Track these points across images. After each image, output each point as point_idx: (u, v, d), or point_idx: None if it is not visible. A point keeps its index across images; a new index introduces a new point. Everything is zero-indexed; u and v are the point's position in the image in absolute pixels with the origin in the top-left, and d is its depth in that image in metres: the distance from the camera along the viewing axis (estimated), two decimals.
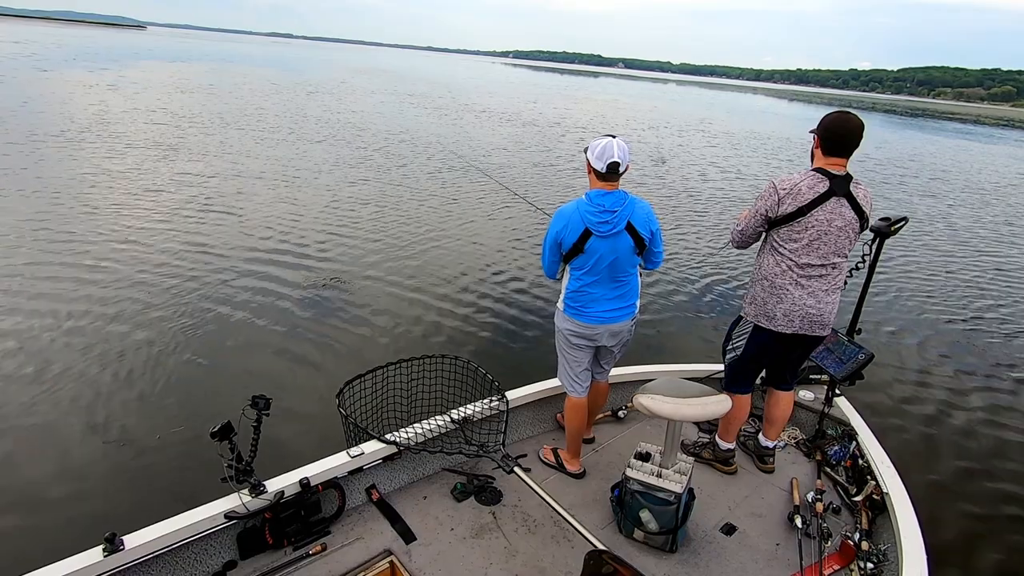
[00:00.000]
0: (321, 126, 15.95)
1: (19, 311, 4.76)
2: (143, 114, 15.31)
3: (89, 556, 1.82)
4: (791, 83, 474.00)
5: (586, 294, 2.46)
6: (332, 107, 20.96)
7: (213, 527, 2.05)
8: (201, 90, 22.81)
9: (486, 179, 10.26)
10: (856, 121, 2.34)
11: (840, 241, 2.39)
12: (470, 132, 17.46)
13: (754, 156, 18.41)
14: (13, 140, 10.69)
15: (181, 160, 10.53)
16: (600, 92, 54.17)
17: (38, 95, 16.97)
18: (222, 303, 5.16)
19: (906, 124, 48.53)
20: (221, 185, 9.01)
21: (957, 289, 7.47)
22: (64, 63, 29.65)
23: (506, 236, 7.84)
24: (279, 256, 6.36)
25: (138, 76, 26.32)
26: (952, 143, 32.56)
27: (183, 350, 4.40)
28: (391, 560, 2.24)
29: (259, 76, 33.69)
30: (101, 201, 7.79)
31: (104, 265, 5.75)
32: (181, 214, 7.48)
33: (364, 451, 2.43)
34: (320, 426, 3.56)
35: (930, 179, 16.88)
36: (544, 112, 26.35)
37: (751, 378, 2.79)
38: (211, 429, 2.02)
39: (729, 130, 26.25)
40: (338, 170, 10.74)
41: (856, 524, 2.49)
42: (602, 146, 2.30)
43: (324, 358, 4.50)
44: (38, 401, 3.73)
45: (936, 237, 10.05)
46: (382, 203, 8.83)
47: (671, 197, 11.02)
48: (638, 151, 16.01)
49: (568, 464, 2.81)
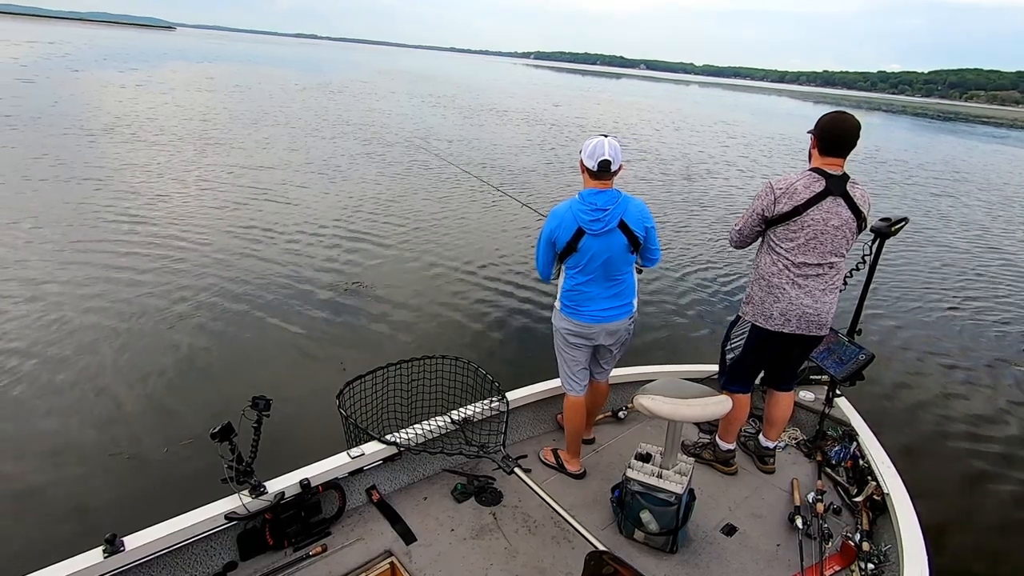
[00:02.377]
0: (340, 126, 15.97)
1: (25, 302, 4.78)
2: (169, 111, 15.57)
3: (89, 557, 1.82)
4: (817, 85, 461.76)
5: (581, 293, 2.48)
6: (354, 106, 21.18)
7: (213, 528, 2.05)
8: (227, 90, 23.22)
9: (500, 183, 10.34)
10: (853, 121, 2.35)
11: (837, 240, 2.40)
12: (487, 135, 17.21)
13: (782, 159, 18.25)
14: (47, 135, 10.92)
15: (201, 155, 10.71)
16: (622, 94, 53.86)
17: (68, 95, 17.36)
18: (222, 302, 5.17)
19: (939, 128, 47.68)
20: (237, 179, 9.16)
21: (958, 289, 7.47)
22: (95, 63, 30.42)
23: (508, 237, 7.85)
24: (281, 255, 6.36)
25: (165, 76, 26.91)
26: (987, 147, 32.09)
27: (183, 350, 4.40)
28: (391, 561, 2.24)
29: (284, 77, 34.07)
30: (124, 195, 7.98)
31: (113, 260, 5.80)
32: (190, 207, 7.55)
33: (364, 452, 2.43)
34: (320, 427, 3.56)
35: (977, 190, 16.20)
36: (566, 115, 26.05)
37: (750, 378, 2.79)
38: (211, 430, 2.02)
39: (755, 133, 25.99)
40: (348, 170, 10.77)
41: (857, 525, 2.49)
42: (593, 145, 2.32)
43: (324, 357, 4.50)
44: (39, 398, 3.74)
45: (958, 236, 10.05)
46: (390, 203, 8.84)
47: (696, 205, 10.91)
48: (663, 155, 15.93)
49: (568, 464, 2.81)
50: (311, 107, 19.85)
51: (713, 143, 20.80)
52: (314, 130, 15.00)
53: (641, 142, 18.45)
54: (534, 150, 15.02)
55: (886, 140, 29.70)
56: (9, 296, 4.97)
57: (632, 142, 17.95)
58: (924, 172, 18.33)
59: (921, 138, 34.73)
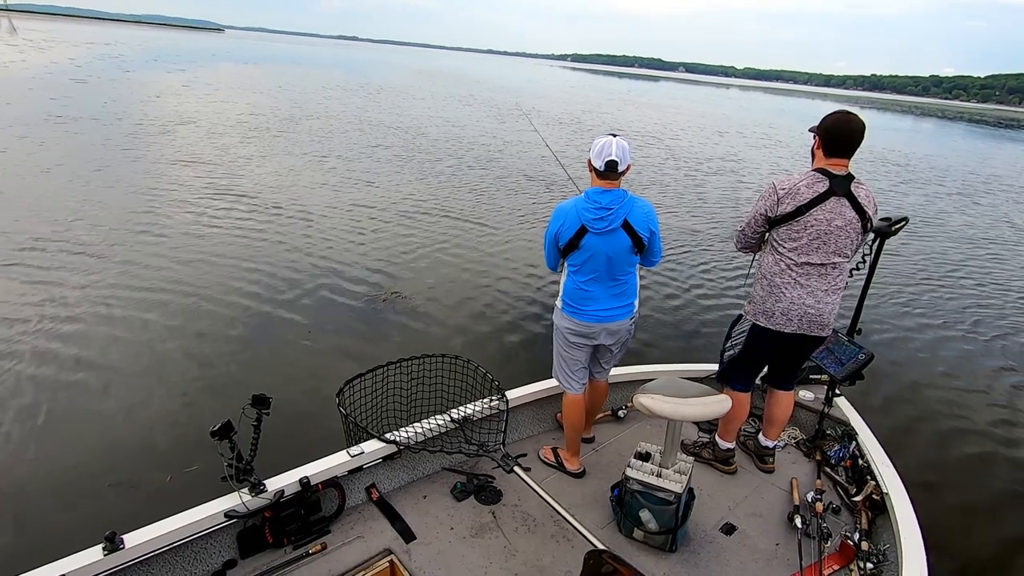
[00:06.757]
0: (376, 129, 15.99)
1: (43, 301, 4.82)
2: (215, 108, 16.05)
3: (89, 555, 1.82)
4: (864, 89, 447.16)
5: (584, 292, 2.48)
6: (396, 109, 21.37)
7: (213, 526, 2.05)
8: (272, 91, 23.86)
9: (516, 184, 10.42)
10: (858, 122, 2.35)
11: (841, 241, 2.39)
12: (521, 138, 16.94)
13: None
14: (93, 141, 11.14)
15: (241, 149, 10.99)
16: (664, 97, 53.36)
17: (119, 95, 17.82)
18: (222, 296, 5.17)
19: (1001, 136, 46.84)
20: (262, 180, 9.14)
21: (960, 289, 7.48)
22: (145, 64, 31.51)
23: (515, 237, 7.85)
24: (281, 255, 6.36)
25: (213, 77, 27.76)
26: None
27: (184, 348, 4.40)
28: (391, 559, 2.24)
29: (327, 78, 34.76)
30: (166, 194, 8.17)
31: (129, 255, 5.85)
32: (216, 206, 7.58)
33: (364, 450, 2.43)
34: (320, 425, 3.56)
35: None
36: (607, 120, 25.73)
37: (750, 376, 2.79)
38: (211, 428, 2.02)
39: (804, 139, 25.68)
40: (373, 174, 10.77)
41: (856, 524, 2.49)
42: (601, 144, 2.32)
43: (325, 357, 4.50)
44: (40, 392, 3.74)
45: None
46: (406, 203, 8.85)
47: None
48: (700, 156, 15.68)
49: (568, 463, 2.81)
50: (351, 108, 20.16)
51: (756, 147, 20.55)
52: (356, 131, 15.19)
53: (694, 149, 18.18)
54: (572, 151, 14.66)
55: (951, 149, 29.02)
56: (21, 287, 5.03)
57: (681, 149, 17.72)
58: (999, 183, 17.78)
59: (984, 145, 34.08)
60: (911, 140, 32.65)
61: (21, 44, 38.02)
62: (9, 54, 29.49)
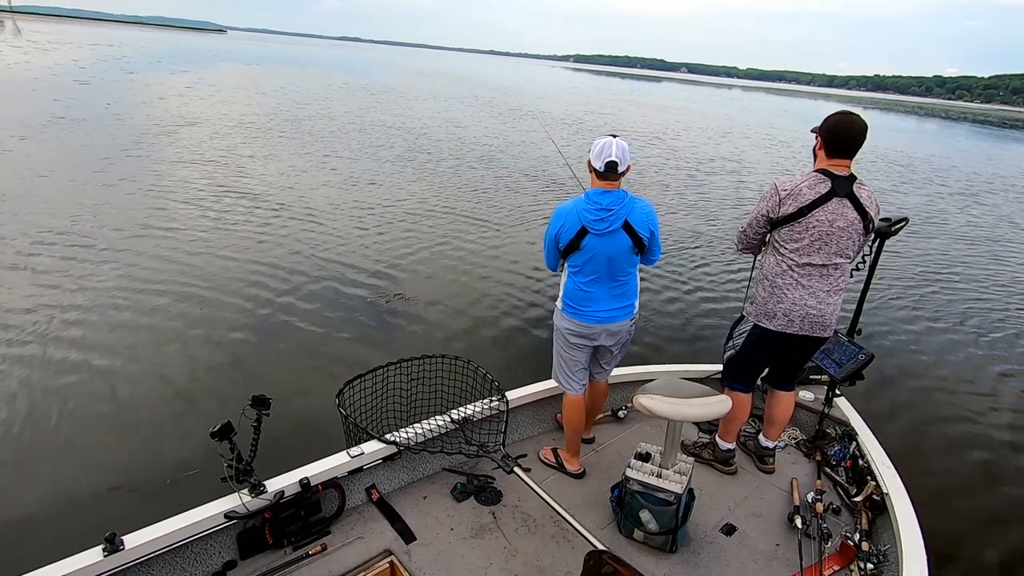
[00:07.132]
0: (378, 130, 16.00)
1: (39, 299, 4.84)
2: (219, 109, 16.11)
3: (89, 556, 1.83)
4: (867, 90, 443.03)
5: (584, 293, 2.47)
6: (398, 109, 21.41)
7: (213, 527, 2.05)
8: (274, 92, 23.87)
9: (517, 184, 10.40)
10: (860, 122, 2.34)
11: (843, 242, 2.39)
12: (525, 139, 16.96)
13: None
14: (94, 145, 11.14)
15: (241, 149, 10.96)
16: (667, 97, 53.24)
17: (123, 97, 17.89)
18: (221, 298, 5.18)
19: (1005, 136, 46.58)
20: (270, 180, 9.16)
21: (962, 289, 7.46)
22: (148, 66, 31.58)
23: (515, 236, 7.85)
24: (286, 255, 6.37)
25: (215, 78, 27.95)
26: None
27: (184, 349, 4.41)
28: (391, 560, 2.24)
29: (329, 78, 34.90)
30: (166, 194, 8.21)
31: (133, 259, 5.85)
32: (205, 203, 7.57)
33: (364, 451, 2.43)
34: (320, 426, 3.56)
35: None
36: (609, 120, 25.70)
37: (750, 377, 2.79)
38: (211, 429, 2.03)
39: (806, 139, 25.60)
40: (374, 173, 10.79)
41: (856, 524, 2.49)
42: (601, 145, 2.32)
43: (326, 358, 4.51)
44: (41, 394, 3.75)
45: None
46: (406, 204, 8.86)
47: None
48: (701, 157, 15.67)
49: (568, 463, 2.81)
50: (353, 108, 20.17)
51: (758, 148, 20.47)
52: (351, 130, 15.20)
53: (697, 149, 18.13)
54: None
55: (955, 149, 28.82)
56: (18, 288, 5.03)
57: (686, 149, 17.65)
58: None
59: (988, 145, 33.83)
60: (914, 140, 32.55)
61: (25, 45, 38.25)
62: (14, 55, 29.66)
